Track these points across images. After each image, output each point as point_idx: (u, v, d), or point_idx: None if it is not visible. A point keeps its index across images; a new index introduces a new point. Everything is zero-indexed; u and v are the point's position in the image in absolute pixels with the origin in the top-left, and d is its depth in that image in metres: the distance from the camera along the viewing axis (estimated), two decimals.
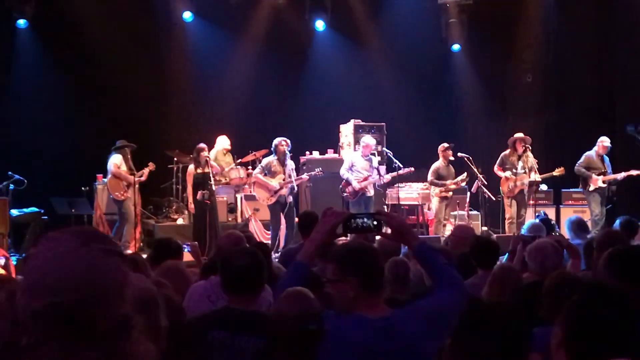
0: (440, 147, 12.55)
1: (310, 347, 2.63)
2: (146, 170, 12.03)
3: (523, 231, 7.11)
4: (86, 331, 1.38)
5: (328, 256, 2.99)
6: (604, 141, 12.40)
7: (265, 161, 11.59)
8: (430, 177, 12.53)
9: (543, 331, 3.12)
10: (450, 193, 12.44)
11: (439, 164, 12.50)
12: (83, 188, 12.64)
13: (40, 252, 1.43)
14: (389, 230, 3.21)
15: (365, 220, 3.10)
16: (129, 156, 11.83)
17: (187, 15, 14.57)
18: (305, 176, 11.76)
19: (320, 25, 15.31)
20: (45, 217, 12.02)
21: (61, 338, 1.37)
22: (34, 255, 1.44)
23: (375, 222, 3.08)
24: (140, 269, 4.34)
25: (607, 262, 3.00)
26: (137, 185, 11.85)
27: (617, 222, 7.07)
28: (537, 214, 11.93)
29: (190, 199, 11.44)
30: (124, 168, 11.81)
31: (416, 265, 4.94)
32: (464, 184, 12.63)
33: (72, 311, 1.38)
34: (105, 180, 12.16)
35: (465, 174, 12.43)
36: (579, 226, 7.03)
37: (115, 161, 11.79)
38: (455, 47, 15.68)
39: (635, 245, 4.10)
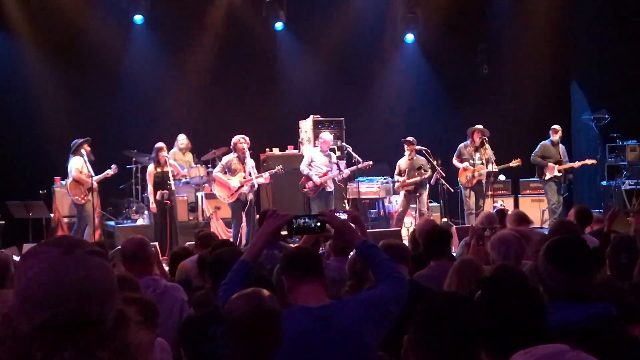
0: (403, 141, 12.54)
1: (270, 350, 2.64)
2: (109, 172, 11.88)
3: (477, 222, 7.16)
4: (94, 332, 1.42)
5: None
6: (554, 127, 12.60)
7: (224, 159, 11.53)
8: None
9: None
10: (412, 187, 12.34)
11: (402, 158, 12.48)
12: (41, 191, 12.48)
13: (27, 266, 1.46)
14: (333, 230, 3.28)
15: (308, 221, 3.18)
16: (85, 158, 11.63)
17: (138, 18, 14.38)
18: (266, 174, 11.66)
19: (278, 24, 15.28)
20: (2, 222, 11.87)
21: (74, 344, 1.40)
22: (21, 271, 1.46)
23: (318, 223, 3.18)
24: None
25: (546, 252, 3.06)
26: (96, 187, 11.74)
27: (572, 210, 7.15)
28: (494, 204, 12.07)
29: (152, 199, 11.38)
30: (85, 171, 11.66)
31: None
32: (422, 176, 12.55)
33: (77, 316, 1.41)
34: (64, 182, 12.03)
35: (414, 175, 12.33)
36: (518, 218, 6.99)
37: (77, 165, 11.61)
38: (409, 37, 15.72)
39: (574, 236, 4.19)
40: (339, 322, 2.88)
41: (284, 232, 3.23)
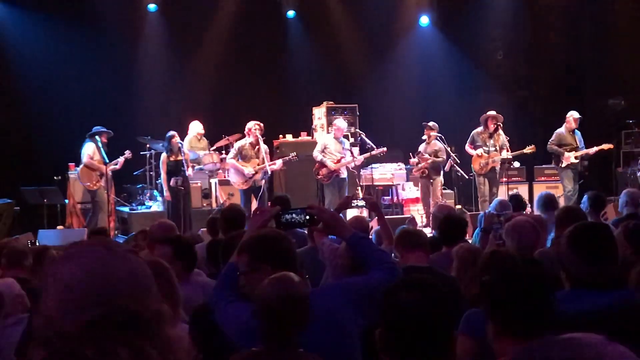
0: (423, 125, 12.51)
1: (297, 333, 2.66)
2: (121, 159, 11.95)
3: (490, 209, 7.13)
4: (143, 329, 1.42)
5: (239, 248, 3.05)
6: (573, 114, 12.45)
7: (237, 145, 11.54)
8: None
9: (473, 313, 3.16)
10: (423, 171, 12.30)
11: (423, 143, 12.48)
12: (55, 177, 12.54)
13: (74, 266, 1.43)
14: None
15: (296, 215, 3.17)
16: (100, 144, 11.70)
17: (152, 6, 14.36)
18: (279, 162, 11.68)
19: (290, 11, 15.23)
20: (17, 208, 11.93)
21: (127, 341, 1.38)
22: (65, 271, 1.43)
23: (307, 217, 3.17)
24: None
25: (569, 241, 3.03)
26: (110, 174, 11.78)
27: (585, 197, 7.10)
28: (510, 192, 11.98)
29: (165, 187, 11.41)
30: (97, 157, 11.71)
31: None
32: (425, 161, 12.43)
33: (127, 313, 1.40)
34: (79, 169, 12.08)
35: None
36: (545, 202, 7.03)
37: (88, 151, 11.68)
38: (424, 20, 15.63)
39: (596, 222, 4.15)
40: (318, 308, 2.81)
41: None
